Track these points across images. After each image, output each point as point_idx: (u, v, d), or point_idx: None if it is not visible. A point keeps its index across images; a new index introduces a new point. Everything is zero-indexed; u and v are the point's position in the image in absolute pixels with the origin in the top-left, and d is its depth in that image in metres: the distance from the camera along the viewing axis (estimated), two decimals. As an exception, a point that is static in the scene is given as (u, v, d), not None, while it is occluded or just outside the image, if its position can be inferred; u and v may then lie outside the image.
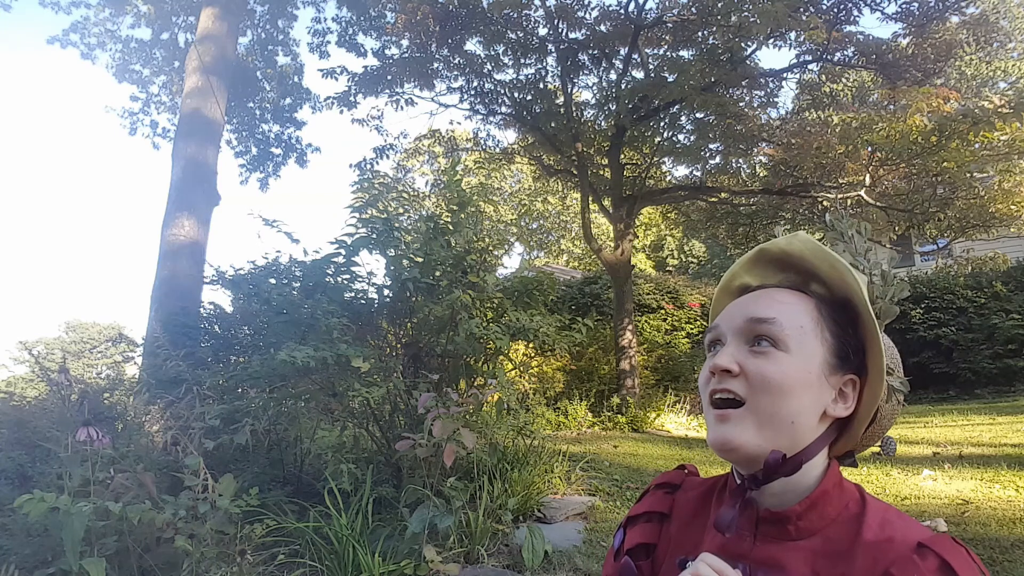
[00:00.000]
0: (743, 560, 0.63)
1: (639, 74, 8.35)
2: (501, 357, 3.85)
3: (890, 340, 0.71)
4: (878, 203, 8.09)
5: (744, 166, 9.59)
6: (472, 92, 8.64)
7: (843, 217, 0.77)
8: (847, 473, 0.71)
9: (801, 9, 6.60)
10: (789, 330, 0.65)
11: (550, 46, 8.05)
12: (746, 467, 0.65)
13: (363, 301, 3.54)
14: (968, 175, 7.21)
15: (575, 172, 8.72)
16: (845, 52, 7.71)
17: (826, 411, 0.65)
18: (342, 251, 3.33)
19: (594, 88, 8.86)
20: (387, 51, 9.07)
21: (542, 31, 8.08)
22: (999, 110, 6.35)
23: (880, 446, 0.74)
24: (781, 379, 0.63)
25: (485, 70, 8.33)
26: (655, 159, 9.12)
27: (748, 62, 7.89)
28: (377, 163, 9.54)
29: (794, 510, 0.63)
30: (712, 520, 0.68)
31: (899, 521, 0.62)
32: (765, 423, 0.63)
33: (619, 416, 7.11)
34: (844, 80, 11.71)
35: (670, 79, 7.33)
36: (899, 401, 0.71)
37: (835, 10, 7.12)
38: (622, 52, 8.11)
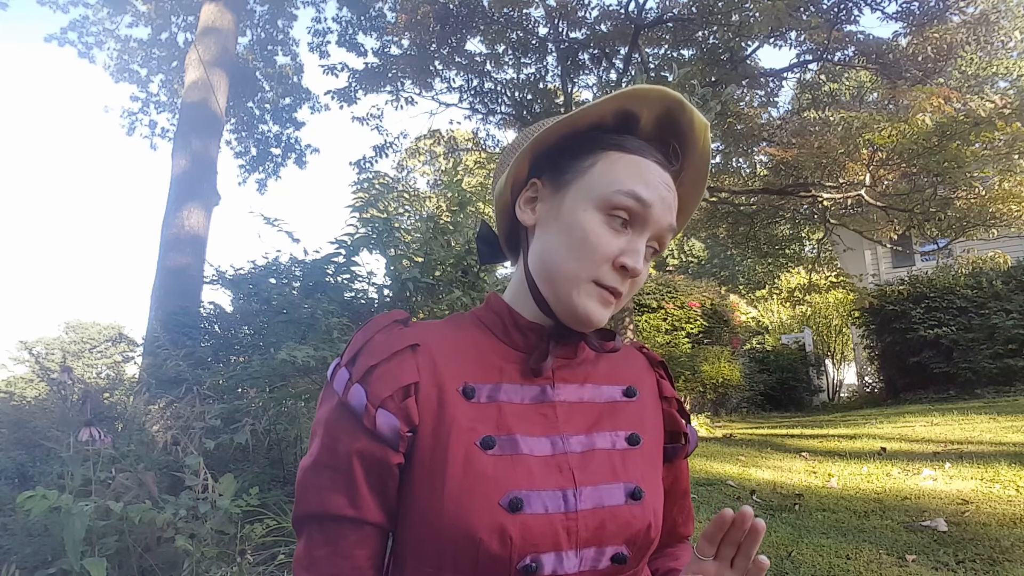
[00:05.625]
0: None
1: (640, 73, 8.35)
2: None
3: None
4: (878, 203, 8.09)
5: (744, 165, 9.59)
6: (472, 91, 8.65)
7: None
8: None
9: (802, 8, 6.60)
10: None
11: (550, 45, 8.06)
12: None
13: (363, 301, 3.54)
14: (968, 175, 7.20)
15: (575, 172, 8.71)
16: (845, 52, 7.71)
17: None
18: (342, 251, 3.33)
19: (594, 88, 8.87)
20: (387, 51, 9.08)
21: (542, 30, 8.09)
22: (1000, 110, 6.35)
23: None
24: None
25: (485, 69, 8.33)
26: (655, 158, 9.10)
27: (748, 61, 7.89)
28: (376, 161, 9.56)
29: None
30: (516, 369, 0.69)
31: None
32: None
33: (619, 416, 7.09)
34: (844, 80, 11.70)
35: (670, 78, 7.32)
36: None
37: (835, 9, 7.12)
38: (622, 51, 8.11)
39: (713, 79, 7.33)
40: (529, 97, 8.42)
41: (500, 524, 0.59)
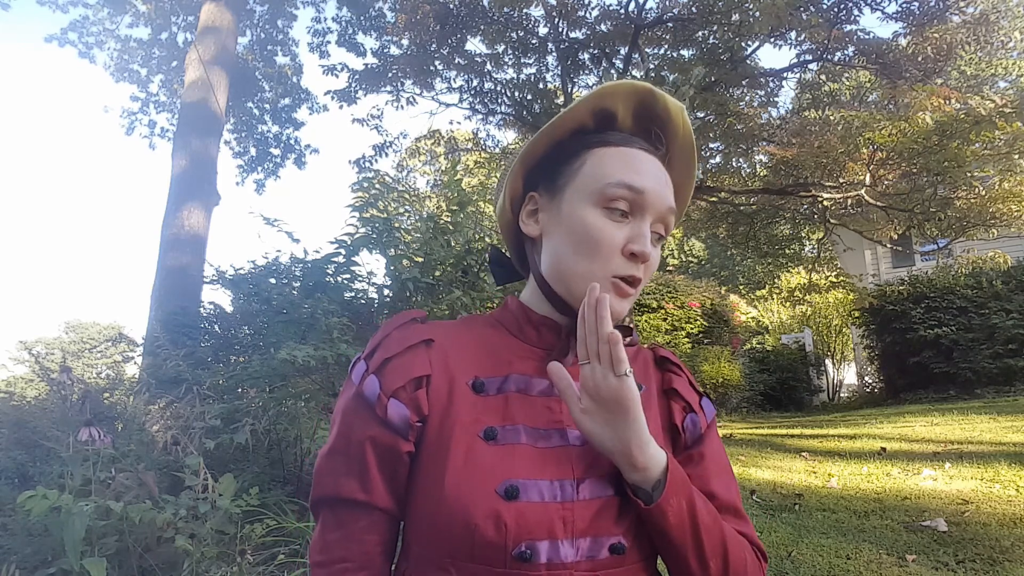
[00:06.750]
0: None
1: (639, 73, 8.35)
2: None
3: None
4: (878, 202, 8.09)
5: (744, 165, 9.59)
6: (472, 91, 8.65)
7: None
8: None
9: (801, 8, 6.60)
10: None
11: (550, 45, 8.06)
12: None
13: (363, 301, 3.54)
14: (968, 175, 7.21)
15: (575, 172, 8.73)
16: (845, 52, 7.72)
17: None
18: (342, 251, 3.33)
19: (594, 88, 8.87)
20: (387, 51, 9.09)
21: (542, 30, 8.09)
22: (1001, 109, 6.35)
23: None
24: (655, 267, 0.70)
25: (485, 69, 8.33)
26: (655, 158, 9.11)
27: (748, 61, 7.89)
28: (376, 160, 9.57)
29: None
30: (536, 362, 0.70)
31: None
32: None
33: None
34: (844, 80, 11.71)
35: (670, 78, 7.33)
36: None
37: (835, 9, 7.12)
38: (622, 51, 8.12)
39: (713, 79, 7.33)
40: (529, 97, 8.43)
41: (495, 510, 0.60)
